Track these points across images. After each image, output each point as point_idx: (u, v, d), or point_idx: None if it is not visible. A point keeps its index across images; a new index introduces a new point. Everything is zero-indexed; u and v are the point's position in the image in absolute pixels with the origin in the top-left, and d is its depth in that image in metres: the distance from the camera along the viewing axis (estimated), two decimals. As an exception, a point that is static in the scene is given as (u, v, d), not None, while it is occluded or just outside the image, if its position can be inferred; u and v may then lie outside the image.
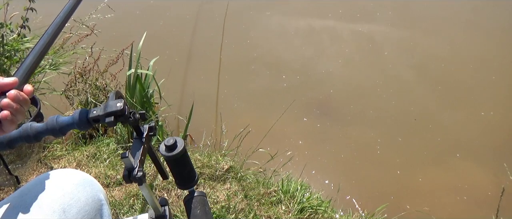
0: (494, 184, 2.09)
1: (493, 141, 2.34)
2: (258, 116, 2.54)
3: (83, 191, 0.72)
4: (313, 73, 2.94)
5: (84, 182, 0.74)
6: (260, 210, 1.65)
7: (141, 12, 3.71)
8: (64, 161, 1.91)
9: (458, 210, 1.99)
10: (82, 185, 0.73)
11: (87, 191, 0.73)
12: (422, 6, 3.69)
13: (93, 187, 0.75)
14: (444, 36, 3.30)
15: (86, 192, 0.72)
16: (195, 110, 2.12)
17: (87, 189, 0.73)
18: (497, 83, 2.76)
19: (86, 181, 0.75)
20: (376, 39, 3.30)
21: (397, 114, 2.57)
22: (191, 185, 0.77)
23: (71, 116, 0.64)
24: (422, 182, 2.14)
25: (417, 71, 2.94)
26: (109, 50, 2.31)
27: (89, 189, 0.74)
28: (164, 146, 0.71)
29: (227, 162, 1.88)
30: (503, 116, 2.50)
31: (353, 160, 2.26)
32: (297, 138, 2.38)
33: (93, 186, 0.75)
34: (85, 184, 0.74)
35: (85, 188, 0.73)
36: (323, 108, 2.61)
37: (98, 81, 2.22)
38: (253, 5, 3.75)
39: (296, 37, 3.39)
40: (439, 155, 2.27)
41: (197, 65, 3.05)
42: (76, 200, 0.70)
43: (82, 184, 0.73)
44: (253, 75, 2.93)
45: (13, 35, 1.86)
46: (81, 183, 0.73)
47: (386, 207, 1.82)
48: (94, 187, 0.75)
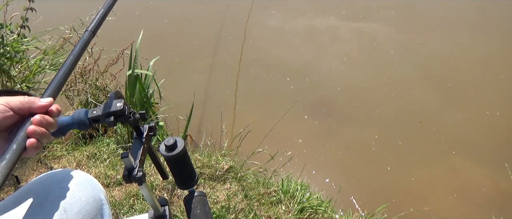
0: (495, 184, 2.09)
1: (496, 141, 2.34)
2: (258, 116, 2.54)
3: (84, 190, 0.72)
4: (314, 73, 2.94)
5: (85, 181, 0.74)
6: (260, 210, 1.65)
7: (140, 12, 3.71)
8: (64, 161, 1.91)
9: (458, 210, 1.99)
10: (83, 184, 0.73)
11: (88, 191, 0.73)
12: (426, 6, 3.70)
13: (94, 187, 0.75)
14: (448, 36, 3.30)
15: (87, 191, 0.73)
16: (195, 110, 2.12)
17: (88, 188, 0.73)
18: (503, 83, 2.77)
19: (87, 181, 0.75)
20: (379, 38, 3.30)
21: (398, 114, 2.57)
22: (191, 185, 0.77)
23: (71, 116, 0.64)
24: (422, 182, 2.14)
25: (420, 70, 2.94)
26: (109, 50, 2.31)
27: (90, 189, 0.74)
28: (164, 146, 0.71)
29: (227, 162, 1.88)
30: (509, 116, 2.50)
31: (353, 160, 2.26)
32: (297, 138, 2.38)
33: (94, 185, 0.75)
34: (86, 184, 0.74)
35: (86, 187, 0.73)
36: (324, 108, 2.61)
37: (98, 81, 2.22)
38: (254, 5, 3.75)
39: (297, 37, 3.39)
40: (440, 155, 2.27)
41: (197, 65, 3.05)
42: (77, 199, 0.70)
43: (83, 184, 0.73)
44: (254, 75, 2.93)
45: (13, 35, 1.85)
46: (82, 182, 0.74)
47: (386, 207, 1.82)
48: (95, 187, 0.75)
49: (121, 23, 3.26)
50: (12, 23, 1.88)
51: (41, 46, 2.12)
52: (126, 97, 2.05)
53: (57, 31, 2.24)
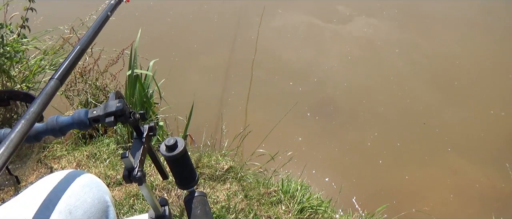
0: (495, 185, 2.09)
1: (500, 141, 2.34)
2: (258, 116, 2.54)
3: (89, 192, 0.72)
4: (316, 73, 2.94)
5: (90, 183, 0.74)
6: (260, 210, 1.65)
7: (140, 13, 3.71)
8: (64, 161, 1.91)
9: (458, 210, 1.99)
10: (89, 186, 0.73)
11: (93, 193, 0.72)
12: (430, 5, 3.69)
13: (99, 189, 0.75)
14: (453, 35, 3.30)
15: (92, 193, 0.72)
16: (195, 110, 2.12)
17: (94, 190, 0.73)
18: (510, 82, 2.76)
19: (92, 183, 0.75)
20: (382, 38, 3.30)
21: (401, 114, 2.57)
22: (191, 185, 0.77)
23: (71, 116, 0.64)
24: (423, 183, 2.14)
25: (425, 70, 2.94)
26: (109, 50, 2.31)
27: (95, 191, 0.73)
28: (165, 146, 0.71)
29: (227, 162, 1.88)
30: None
31: (353, 160, 2.26)
32: (297, 138, 2.38)
33: (99, 187, 0.75)
34: (92, 186, 0.74)
35: (91, 189, 0.73)
36: (325, 108, 2.61)
37: (98, 81, 2.22)
38: (255, 5, 3.75)
39: (299, 37, 3.39)
40: (441, 155, 2.27)
41: (197, 65, 3.04)
42: (83, 201, 0.69)
43: (88, 185, 0.73)
44: (254, 75, 2.93)
45: (13, 35, 1.85)
46: (88, 184, 0.73)
47: (386, 207, 1.82)
48: (100, 189, 0.75)
49: (121, 23, 3.25)
50: (12, 23, 1.88)
51: (41, 46, 2.12)
52: (126, 97, 2.05)
53: (57, 31, 2.23)
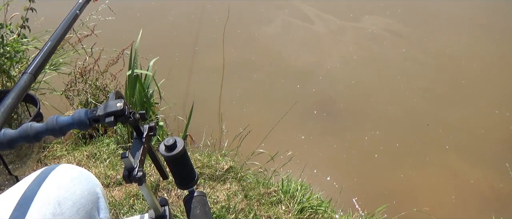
0: (495, 185, 2.09)
1: (503, 141, 2.33)
2: (258, 116, 2.54)
3: (78, 184, 0.72)
4: (317, 73, 2.94)
5: (80, 176, 0.75)
6: (260, 210, 1.65)
7: (141, 13, 3.71)
8: (64, 161, 1.91)
9: (458, 210, 1.99)
10: (78, 178, 0.74)
11: (83, 185, 0.73)
12: (434, 5, 3.69)
13: (89, 181, 0.75)
14: (458, 35, 3.30)
15: (82, 185, 0.73)
16: (195, 110, 2.12)
17: (83, 182, 0.74)
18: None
19: (82, 175, 0.75)
20: (383, 37, 3.30)
21: (403, 113, 2.57)
22: (191, 185, 0.77)
23: (71, 116, 0.64)
24: (423, 183, 2.14)
25: (429, 69, 2.93)
26: (109, 50, 2.31)
27: (85, 183, 0.74)
28: (164, 146, 0.71)
29: (227, 162, 1.88)
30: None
31: (353, 160, 2.26)
32: (297, 138, 2.38)
33: (89, 179, 0.76)
34: (81, 178, 0.74)
35: (81, 181, 0.73)
36: (325, 108, 2.61)
37: (98, 81, 2.22)
38: (255, 5, 3.75)
39: (300, 37, 3.39)
40: (442, 155, 2.27)
41: (197, 65, 3.04)
42: (72, 193, 0.70)
43: (78, 178, 0.74)
44: (254, 75, 2.93)
45: (13, 35, 1.85)
46: (77, 177, 0.74)
47: (386, 207, 1.82)
48: (90, 181, 0.76)
49: (121, 23, 3.26)
50: (12, 23, 1.88)
51: (41, 46, 2.12)
52: (126, 97, 2.05)
53: (57, 31, 2.23)
